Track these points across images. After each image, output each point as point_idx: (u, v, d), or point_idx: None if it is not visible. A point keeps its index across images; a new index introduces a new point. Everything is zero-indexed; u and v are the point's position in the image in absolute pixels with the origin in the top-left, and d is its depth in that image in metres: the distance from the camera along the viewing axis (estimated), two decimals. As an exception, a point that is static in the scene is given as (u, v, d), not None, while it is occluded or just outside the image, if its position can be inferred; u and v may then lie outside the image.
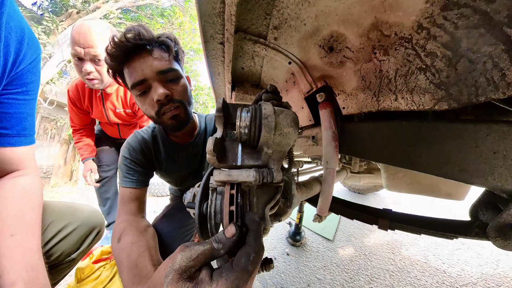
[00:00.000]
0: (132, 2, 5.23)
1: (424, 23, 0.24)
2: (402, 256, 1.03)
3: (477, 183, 0.23)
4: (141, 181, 0.58)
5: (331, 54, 0.39)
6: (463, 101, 0.22)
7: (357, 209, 0.45)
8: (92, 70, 0.84)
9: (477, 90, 0.20)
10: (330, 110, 0.40)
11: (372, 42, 0.31)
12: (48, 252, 0.46)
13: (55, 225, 0.49)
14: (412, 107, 0.29)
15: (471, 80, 0.21)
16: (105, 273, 0.84)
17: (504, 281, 0.79)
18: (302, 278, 0.90)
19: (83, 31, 0.80)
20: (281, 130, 0.26)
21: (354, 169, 0.73)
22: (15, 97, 0.41)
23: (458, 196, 0.50)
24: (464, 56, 0.21)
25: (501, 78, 0.18)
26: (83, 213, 0.56)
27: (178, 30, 5.59)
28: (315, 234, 1.28)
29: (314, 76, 0.46)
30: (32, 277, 0.35)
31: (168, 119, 0.50)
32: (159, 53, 0.48)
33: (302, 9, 0.33)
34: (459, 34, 0.21)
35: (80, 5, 4.42)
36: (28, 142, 0.45)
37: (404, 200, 1.88)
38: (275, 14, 0.34)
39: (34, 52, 0.42)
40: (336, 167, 0.39)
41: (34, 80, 0.44)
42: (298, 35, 0.39)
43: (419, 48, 0.26)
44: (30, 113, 0.45)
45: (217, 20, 0.35)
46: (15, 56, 0.38)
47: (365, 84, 0.37)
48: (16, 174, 0.44)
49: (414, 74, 0.28)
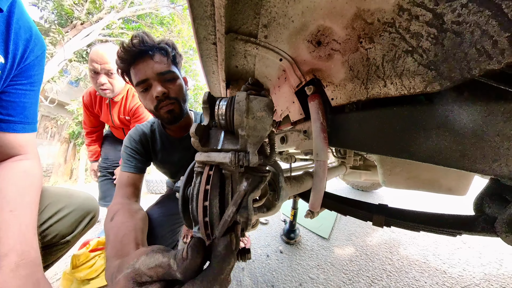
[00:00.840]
0: (133, 12, 5.41)
1: (404, 4, 0.23)
2: (400, 256, 0.99)
3: (481, 171, 0.21)
4: (138, 168, 0.66)
5: (319, 48, 0.39)
6: (456, 78, 0.20)
7: (350, 205, 0.42)
8: (106, 82, 1.08)
9: (469, 63, 0.19)
10: (319, 102, 0.39)
11: (357, 32, 0.31)
12: (43, 232, 0.48)
13: (51, 207, 0.52)
14: (403, 91, 0.27)
15: (461, 53, 0.19)
16: (100, 261, 0.86)
17: (508, 282, 0.75)
18: (295, 277, 0.86)
19: (100, 51, 1.05)
20: (254, 114, 0.26)
21: (349, 163, 0.71)
22: (21, 87, 0.45)
23: (460, 190, 0.47)
24: (449, 30, 0.20)
25: (493, 46, 0.16)
26: (79, 198, 0.59)
27: (177, 37, 5.74)
28: (311, 233, 1.25)
29: (303, 71, 0.46)
30: (25, 250, 0.37)
31: (165, 112, 0.60)
32: (159, 57, 0.57)
33: (288, 6, 0.33)
34: (440, 9, 0.20)
35: (84, 16, 4.59)
36: (31, 129, 0.49)
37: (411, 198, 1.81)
38: (263, 13, 0.36)
39: (39, 48, 0.47)
40: (326, 159, 0.37)
41: (38, 73, 0.48)
42: (287, 32, 0.39)
43: (403, 31, 0.25)
44: (33, 103, 0.49)
45: (209, 22, 0.37)
46: (23, 50, 0.42)
47: (353, 74, 0.35)
48: (18, 158, 0.47)
49: (401, 57, 0.26)
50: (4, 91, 0.43)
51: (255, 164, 0.24)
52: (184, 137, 0.73)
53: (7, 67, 0.40)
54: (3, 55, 0.39)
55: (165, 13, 6.04)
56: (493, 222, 0.24)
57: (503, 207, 0.22)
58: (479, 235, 0.26)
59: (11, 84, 0.43)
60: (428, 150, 0.25)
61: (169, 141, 0.73)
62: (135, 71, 0.57)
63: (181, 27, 5.83)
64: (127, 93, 1.24)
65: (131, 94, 1.25)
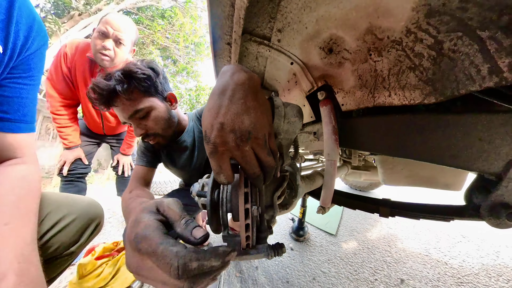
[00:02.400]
0: (133, 4, 5.29)
1: (411, 28, 0.27)
2: (398, 248, 1.06)
3: (466, 167, 0.26)
4: (150, 162, 0.73)
5: (330, 55, 0.42)
6: (447, 94, 0.25)
7: (358, 200, 0.48)
8: (111, 48, 0.89)
9: (458, 84, 0.23)
10: (330, 107, 0.43)
11: (367, 45, 0.34)
12: (45, 244, 0.44)
13: (52, 216, 0.46)
14: (404, 101, 0.32)
15: (453, 76, 0.24)
16: (108, 269, 0.83)
17: (504, 271, 0.82)
18: (307, 272, 0.92)
19: (120, 18, 0.90)
20: (289, 119, 0.30)
21: (354, 162, 0.76)
22: (19, 81, 0.40)
23: (455, 186, 0.52)
24: (446, 56, 0.24)
25: (477, 73, 0.21)
26: (81, 204, 0.53)
27: (178, 31, 5.64)
28: (318, 230, 1.31)
29: (314, 76, 0.49)
30: (24, 269, 0.33)
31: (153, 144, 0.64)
32: (127, 97, 0.54)
33: (304, 13, 0.35)
34: (441, 37, 0.24)
35: (82, 7, 4.48)
36: (28, 129, 0.43)
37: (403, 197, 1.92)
38: (279, 18, 0.37)
39: (41, 39, 0.42)
40: (337, 159, 0.42)
41: (38, 67, 0.43)
42: (300, 38, 0.41)
43: (408, 50, 0.29)
44: (32, 100, 0.43)
45: (226, 22, 0.38)
46: (24, 40, 0.38)
47: (361, 83, 0.40)
48: (14, 161, 0.42)
49: (405, 72, 0.31)
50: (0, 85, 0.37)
51: (288, 164, 0.27)
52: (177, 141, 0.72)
53: (6, 58, 0.36)
54: (2, 44, 0.34)
55: (166, 6, 5.91)
56: (478, 209, 0.29)
57: (486, 196, 0.27)
58: (468, 220, 0.31)
59: (7, 78, 0.38)
60: (425, 151, 0.30)
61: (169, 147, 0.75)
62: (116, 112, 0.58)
63: (183, 21, 5.71)
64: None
65: None
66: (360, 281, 0.84)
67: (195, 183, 0.37)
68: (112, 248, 0.99)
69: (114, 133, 1.26)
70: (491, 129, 0.24)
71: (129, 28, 0.94)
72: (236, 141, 0.21)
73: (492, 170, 0.24)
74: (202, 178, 0.37)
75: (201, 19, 6.40)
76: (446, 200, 1.70)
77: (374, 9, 0.29)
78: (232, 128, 0.21)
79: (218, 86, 0.23)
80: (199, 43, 6.36)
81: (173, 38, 5.56)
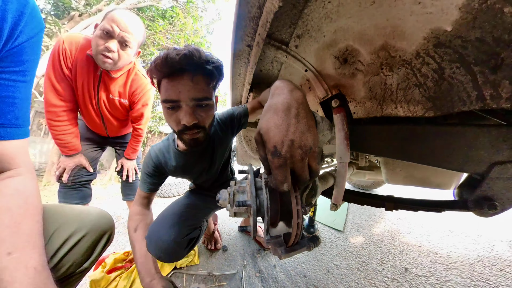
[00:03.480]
0: (134, 4, 5.27)
1: (421, 52, 0.32)
2: (400, 242, 1.15)
3: (459, 169, 0.32)
4: (151, 189, 0.74)
5: (344, 65, 0.45)
6: (444, 111, 0.31)
7: (365, 197, 0.54)
8: (115, 50, 0.78)
9: (452, 103, 0.29)
10: (343, 115, 0.48)
11: (380, 60, 0.38)
12: (57, 265, 0.39)
13: (60, 233, 0.41)
14: (408, 114, 0.38)
15: (449, 96, 0.30)
16: (122, 282, 0.78)
17: (498, 262, 0.91)
18: (321, 266, 0.99)
19: (128, 17, 0.79)
20: (323, 132, 0.36)
21: (361, 164, 0.83)
22: (9, 77, 0.32)
23: (446, 186, 0.59)
24: (446, 80, 0.30)
25: (467, 97, 0.27)
26: (90, 216, 0.48)
27: (179, 32, 5.64)
28: (326, 227, 1.39)
29: (329, 85, 0.54)
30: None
31: (188, 139, 0.54)
32: (200, 80, 0.49)
33: (324, 23, 0.37)
34: (443, 64, 0.30)
35: (82, 7, 4.45)
36: (21, 134, 0.36)
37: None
38: (300, 24, 0.38)
39: (35, 26, 0.35)
40: (348, 161, 0.47)
41: (32, 59, 0.36)
42: (316, 45, 0.42)
43: (416, 70, 0.35)
44: (25, 99, 0.36)
45: (249, 24, 0.37)
46: (12, 25, 0.31)
47: (372, 94, 0.45)
48: (7, 174, 0.35)
49: (411, 88, 0.37)
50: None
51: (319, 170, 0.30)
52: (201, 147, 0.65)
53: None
54: None
55: (167, 6, 5.90)
56: (466, 202, 0.35)
57: (472, 192, 0.34)
58: (458, 211, 0.38)
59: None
60: (423, 155, 0.36)
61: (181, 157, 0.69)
62: (168, 85, 0.48)
63: (185, 21, 5.70)
64: (128, 72, 0.93)
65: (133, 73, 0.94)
66: (369, 271, 0.92)
67: (222, 191, 0.38)
68: (123, 258, 0.94)
69: (117, 135, 1.16)
70: (477, 139, 0.30)
71: (137, 28, 0.83)
72: (302, 155, 0.24)
73: (477, 171, 0.30)
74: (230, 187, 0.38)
75: (201, 19, 6.40)
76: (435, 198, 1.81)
77: (391, 31, 0.33)
78: (299, 145, 0.24)
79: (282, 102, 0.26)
80: (200, 43, 6.37)
81: (174, 39, 5.56)
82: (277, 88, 0.28)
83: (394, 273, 0.89)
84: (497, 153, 0.28)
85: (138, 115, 1.05)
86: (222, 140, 0.74)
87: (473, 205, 0.33)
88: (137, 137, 1.13)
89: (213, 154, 0.74)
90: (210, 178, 0.83)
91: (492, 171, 0.28)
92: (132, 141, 1.14)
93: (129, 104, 1.01)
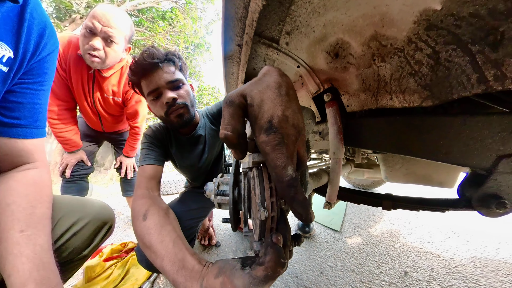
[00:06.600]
0: (134, 6, 5.32)
1: (413, 38, 0.30)
2: (400, 243, 1.11)
3: (459, 163, 0.30)
4: (158, 160, 0.68)
5: (336, 60, 0.44)
6: (442, 98, 0.28)
7: (361, 195, 0.51)
8: (100, 48, 0.78)
9: (451, 89, 0.27)
10: (336, 108, 0.46)
11: (372, 50, 0.37)
12: (59, 249, 0.44)
13: (65, 220, 0.47)
14: (404, 104, 0.35)
15: (447, 82, 0.27)
16: (117, 271, 0.81)
17: (489, 263, 0.88)
18: (315, 266, 0.96)
19: (109, 11, 0.78)
20: (306, 120, 0.33)
21: (358, 160, 0.80)
22: (31, 87, 0.40)
23: (449, 184, 0.56)
24: (442, 65, 0.27)
25: (467, 81, 0.24)
26: (93, 207, 0.53)
27: (179, 33, 5.67)
28: (323, 227, 1.35)
29: (321, 79, 0.52)
30: (44, 277, 0.33)
31: (175, 117, 0.64)
32: (167, 68, 0.62)
33: (312, 18, 0.37)
34: (438, 48, 0.27)
35: (83, 10, 4.51)
36: (39, 134, 0.44)
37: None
38: (288, 21, 0.38)
39: (53, 44, 0.43)
40: (342, 157, 0.45)
41: (50, 71, 0.44)
42: (307, 41, 0.41)
43: (409, 57, 0.32)
44: (43, 105, 0.44)
45: (237, 24, 0.37)
46: (35, 45, 0.38)
47: (365, 86, 0.43)
48: (27, 167, 0.42)
49: (405, 78, 0.34)
50: (10, 91, 0.37)
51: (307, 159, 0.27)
52: (192, 134, 0.76)
53: (17, 63, 0.36)
54: (13, 49, 0.34)
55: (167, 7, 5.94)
56: (470, 201, 0.32)
57: (476, 190, 0.31)
58: (461, 210, 0.35)
59: (19, 83, 0.38)
60: (421, 149, 0.34)
61: (181, 140, 0.76)
62: (147, 82, 0.61)
63: (184, 22, 5.74)
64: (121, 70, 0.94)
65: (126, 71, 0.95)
66: (366, 273, 0.88)
67: (209, 183, 0.37)
68: (120, 249, 0.98)
69: (112, 130, 1.22)
70: (483, 129, 0.27)
71: (121, 22, 0.80)
72: (295, 135, 0.21)
73: (483, 166, 0.28)
74: (216, 178, 0.38)
75: (201, 20, 6.43)
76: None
77: (380, 19, 0.32)
78: (293, 123, 0.21)
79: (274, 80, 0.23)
80: (200, 44, 6.39)
81: (173, 40, 5.60)
82: (268, 70, 0.26)
83: (393, 277, 0.85)
84: (504, 144, 0.25)
85: (132, 112, 1.07)
86: (212, 131, 0.82)
87: (478, 203, 0.30)
88: (134, 135, 1.19)
89: (205, 146, 0.81)
90: (202, 172, 0.86)
91: (500, 165, 0.25)
92: (130, 139, 1.19)
93: (123, 101, 1.03)
